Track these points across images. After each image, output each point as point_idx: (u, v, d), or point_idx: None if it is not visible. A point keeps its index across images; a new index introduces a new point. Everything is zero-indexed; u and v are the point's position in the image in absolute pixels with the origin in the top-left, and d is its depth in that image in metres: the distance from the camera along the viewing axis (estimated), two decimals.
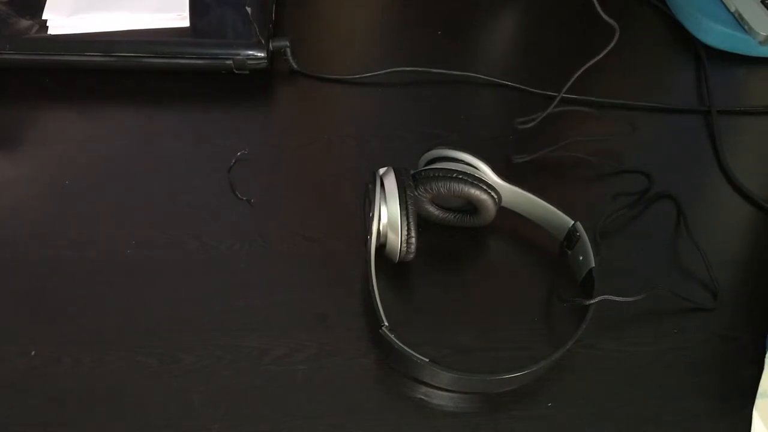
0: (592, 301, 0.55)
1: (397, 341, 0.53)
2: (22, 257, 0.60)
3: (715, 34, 0.79)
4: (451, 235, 0.62)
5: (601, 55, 0.65)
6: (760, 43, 0.77)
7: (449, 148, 0.60)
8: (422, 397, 0.54)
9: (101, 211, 0.63)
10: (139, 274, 0.59)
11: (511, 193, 0.61)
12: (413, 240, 0.56)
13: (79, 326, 0.56)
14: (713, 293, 0.60)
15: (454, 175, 0.58)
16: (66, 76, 0.72)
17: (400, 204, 0.56)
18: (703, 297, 0.60)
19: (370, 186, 0.58)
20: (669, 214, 0.65)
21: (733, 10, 0.79)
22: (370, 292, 0.55)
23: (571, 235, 0.59)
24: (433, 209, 0.61)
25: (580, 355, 0.57)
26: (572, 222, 0.59)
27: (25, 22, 0.71)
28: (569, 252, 0.60)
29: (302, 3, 0.81)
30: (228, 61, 0.71)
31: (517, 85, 0.75)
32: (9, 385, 0.53)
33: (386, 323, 0.54)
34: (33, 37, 0.70)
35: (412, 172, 0.59)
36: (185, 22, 0.72)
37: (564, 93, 0.73)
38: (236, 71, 0.71)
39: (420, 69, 0.74)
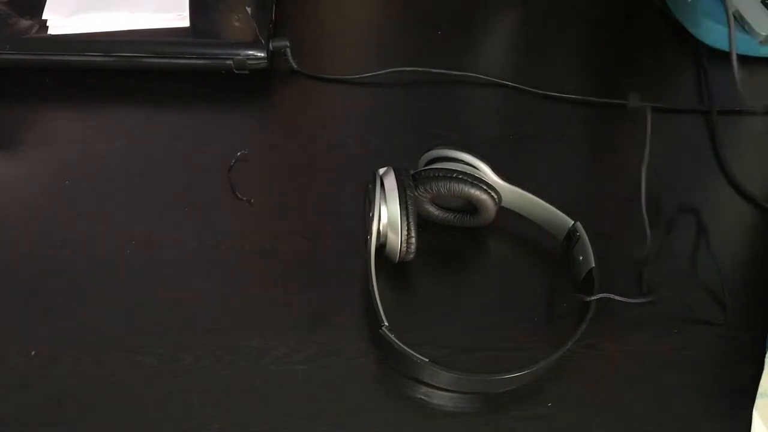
0: (592, 298, 0.55)
1: (397, 341, 0.53)
2: (22, 257, 0.60)
3: (715, 34, 0.79)
4: (451, 235, 0.62)
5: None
6: (760, 43, 0.77)
7: (449, 148, 0.60)
8: (422, 397, 0.54)
9: (101, 211, 0.63)
10: (139, 274, 0.59)
11: (511, 193, 0.61)
12: (413, 240, 0.57)
13: (79, 326, 0.56)
14: (720, 302, 0.60)
15: (454, 175, 0.58)
16: (66, 76, 0.72)
17: (400, 204, 0.56)
18: (703, 299, 0.61)
19: (370, 186, 0.58)
20: (670, 215, 0.65)
21: (733, 10, 0.79)
22: (370, 292, 0.55)
23: (571, 235, 0.59)
24: (433, 209, 0.61)
25: (580, 355, 0.57)
26: (572, 222, 0.59)
27: (25, 22, 0.71)
28: (569, 252, 0.60)
29: (302, 3, 0.81)
30: (228, 61, 0.71)
31: (517, 85, 0.75)
32: (9, 385, 0.53)
33: (386, 323, 0.54)
34: (33, 37, 0.70)
35: (412, 172, 0.60)
36: (185, 22, 0.72)
37: (562, 94, 0.74)
38: (236, 71, 0.71)
39: (420, 69, 0.74)
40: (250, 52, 0.71)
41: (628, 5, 0.84)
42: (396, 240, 0.56)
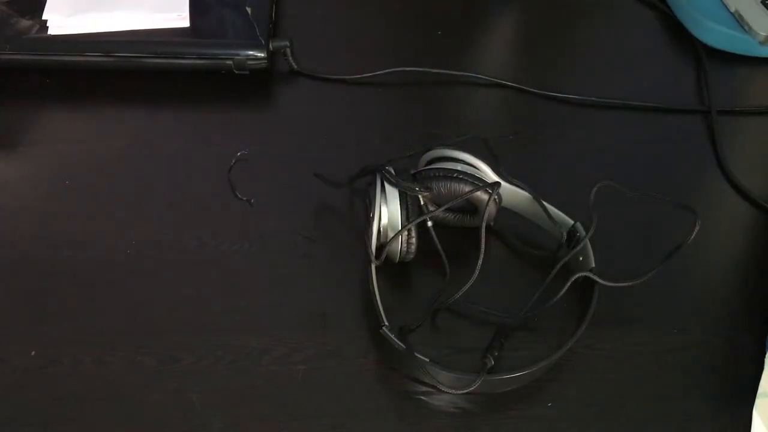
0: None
1: (397, 341, 0.53)
2: (22, 257, 0.60)
3: (715, 34, 0.79)
4: (451, 235, 0.62)
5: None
6: (760, 43, 0.77)
7: (449, 148, 0.60)
8: (422, 397, 0.54)
9: (101, 211, 0.63)
10: (139, 274, 0.59)
11: (511, 193, 0.61)
12: (413, 240, 0.57)
13: (79, 326, 0.56)
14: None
15: (454, 175, 0.58)
16: (66, 76, 0.72)
17: (400, 204, 0.56)
18: (702, 298, 0.61)
19: (370, 186, 0.58)
20: (670, 215, 0.65)
21: (733, 10, 0.79)
22: (370, 292, 0.55)
23: (571, 235, 0.59)
24: (433, 209, 0.61)
25: (580, 355, 0.57)
26: (572, 222, 0.59)
27: (25, 22, 0.71)
28: (569, 252, 0.60)
29: (302, 3, 0.81)
30: (228, 61, 0.71)
31: (517, 85, 0.75)
32: (9, 385, 0.53)
33: (386, 323, 0.54)
34: (33, 37, 0.70)
35: (412, 171, 0.60)
36: (185, 22, 0.72)
37: (562, 94, 0.74)
38: (236, 71, 0.71)
39: (420, 69, 0.74)
40: (250, 52, 0.71)
41: (628, 5, 0.84)
42: (396, 240, 0.56)
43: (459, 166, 0.59)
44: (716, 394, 0.56)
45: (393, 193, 0.57)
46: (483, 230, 0.55)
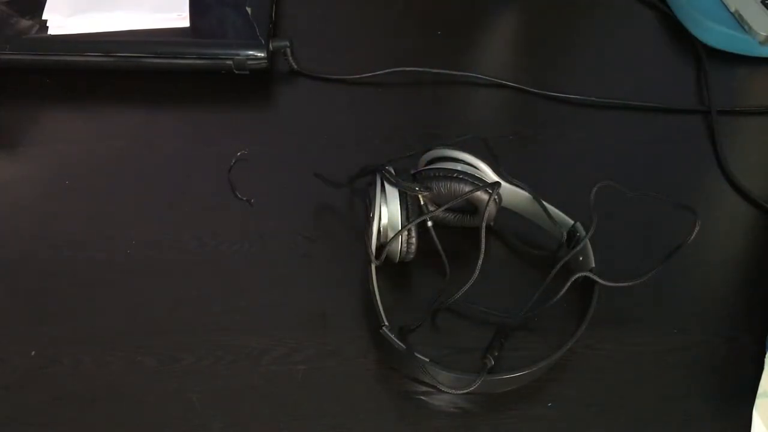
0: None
1: (397, 341, 0.53)
2: (22, 257, 0.60)
3: (715, 34, 0.79)
4: (451, 235, 0.62)
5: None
6: (760, 43, 0.77)
7: (449, 148, 0.60)
8: (422, 397, 0.54)
9: (101, 211, 0.63)
10: (140, 274, 0.59)
11: (511, 193, 0.61)
12: (413, 240, 0.57)
13: (79, 326, 0.56)
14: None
15: (454, 175, 0.58)
16: (66, 76, 0.72)
17: (400, 204, 0.56)
18: (702, 298, 0.61)
19: (370, 186, 0.58)
20: (670, 215, 0.65)
21: (733, 10, 0.79)
22: (370, 292, 0.55)
23: (571, 235, 0.59)
24: (433, 209, 0.61)
25: (580, 355, 0.57)
26: (572, 222, 0.59)
27: (25, 22, 0.71)
28: (569, 252, 0.60)
29: (302, 3, 0.81)
30: (228, 61, 0.71)
31: (517, 85, 0.75)
32: (9, 385, 0.53)
33: (386, 323, 0.54)
34: (33, 37, 0.70)
35: (412, 171, 0.60)
36: (185, 22, 0.72)
37: (562, 94, 0.74)
38: (236, 71, 0.71)
39: (420, 69, 0.74)
40: (250, 52, 0.71)
41: (628, 5, 0.84)
42: (396, 240, 0.56)
43: (459, 166, 0.59)
44: (716, 394, 0.56)
45: (393, 193, 0.57)
46: (483, 230, 0.55)
